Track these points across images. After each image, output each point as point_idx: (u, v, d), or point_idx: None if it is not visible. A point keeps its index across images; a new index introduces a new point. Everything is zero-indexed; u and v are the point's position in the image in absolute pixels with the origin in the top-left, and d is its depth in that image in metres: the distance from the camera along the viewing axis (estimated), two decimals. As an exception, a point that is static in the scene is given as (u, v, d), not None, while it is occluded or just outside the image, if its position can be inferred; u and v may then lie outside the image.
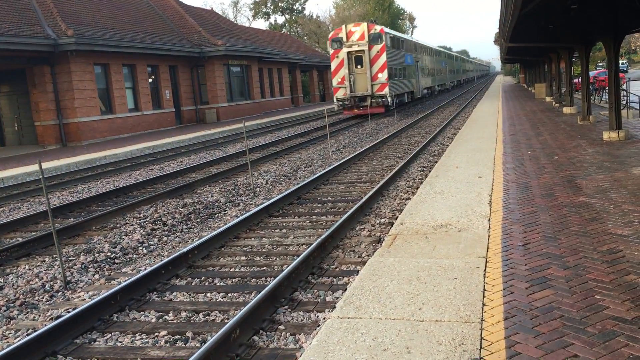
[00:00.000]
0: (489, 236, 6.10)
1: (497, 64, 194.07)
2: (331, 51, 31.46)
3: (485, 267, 5.15)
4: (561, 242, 5.67)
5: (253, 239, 8.40)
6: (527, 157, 11.17)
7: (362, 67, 31.25)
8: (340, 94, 31.19)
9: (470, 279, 4.89)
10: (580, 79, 21.69)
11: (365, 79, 31.14)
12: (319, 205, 10.38)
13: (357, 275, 6.27)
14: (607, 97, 14.83)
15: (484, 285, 4.70)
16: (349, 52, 30.99)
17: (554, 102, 25.25)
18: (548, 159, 10.79)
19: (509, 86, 60.30)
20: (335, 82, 31.51)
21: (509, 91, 46.65)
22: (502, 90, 49.59)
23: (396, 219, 8.25)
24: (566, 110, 20.97)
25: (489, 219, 6.76)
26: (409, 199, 9.85)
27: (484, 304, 4.33)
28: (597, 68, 47.98)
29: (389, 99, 30.75)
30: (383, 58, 30.82)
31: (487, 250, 5.61)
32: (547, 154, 11.34)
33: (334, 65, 31.34)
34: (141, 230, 9.32)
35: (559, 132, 15.07)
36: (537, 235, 5.94)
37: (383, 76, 30.73)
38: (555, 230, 6.09)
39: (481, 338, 3.78)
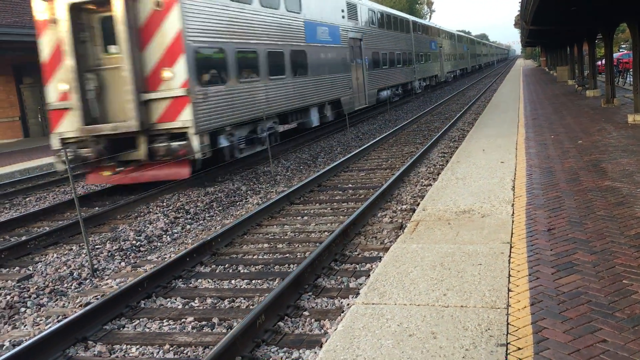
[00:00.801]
0: (512, 222, 6.06)
1: (517, 47, 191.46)
2: (37, 16, 11.63)
3: (510, 252, 5.13)
4: (587, 226, 5.62)
5: (275, 226, 8.46)
6: (550, 142, 11.04)
7: (118, 51, 11.10)
8: (64, 126, 11.60)
9: (494, 264, 4.87)
10: (603, 62, 21.32)
11: (128, 85, 10.88)
12: (340, 192, 10.39)
13: (380, 261, 6.28)
14: (632, 79, 14.55)
15: (509, 271, 4.68)
16: (74, 7, 11.09)
17: (576, 85, 24.85)
18: (572, 142, 10.65)
19: (530, 70, 59.46)
20: (52, 93, 11.70)
21: (530, 75, 46.00)
22: (522, 74, 48.91)
23: (418, 205, 8.24)
24: (589, 93, 20.63)
25: (513, 205, 6.72)
26: (430, 185, 9.81)
27: (509, 290, 4.32)
28: (620, 50, 47.03)
29: (197, 143, 10.98)
30: (175, 24, 10.83)
31: (512, 236, 5.58)
32: (571, 138, 11.19)
33: (46, 49, 11.66)
34: (165, 219, 9.43)
35: (582, 115, 14.85)
36: (562, 221, 5.89)
37: (179, 72, 10.94)
38: (580, 215, 6.03)
39: (507, 323, 3.77)
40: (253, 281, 6.26)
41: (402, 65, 30.84)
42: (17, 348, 4.63)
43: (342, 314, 5.11)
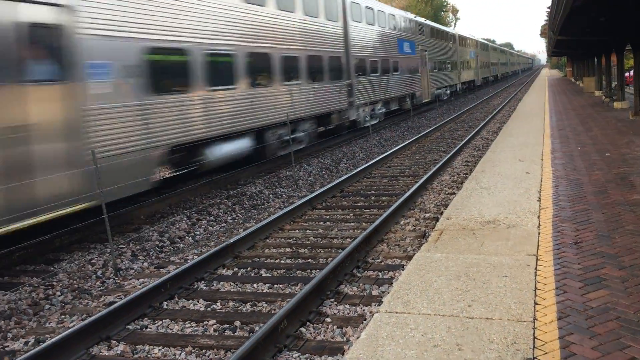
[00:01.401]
0: (539, 233, 5.98)
1: (542, 57, 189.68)
2: None
3: (536, 265, 5.05)
4: (615, 241, 5.52)
5: (297, 230, 8.46)
6: (576, 153, 10.88)
7: None
8: None
9: (520, 276, 4.80)
10: (631, 73, 20.97)
11: None
12: (362, 198, 10.36)
13: (403, 270, 6.26)
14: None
15: (536, 284, 4.61)
16: None
17: (603, 97, 24.50)
18: (599, 155, 10.49)
19: (556, 80, 58.78)
20: None
21: (555, 85, 45.48)
22: (548, 83, 48.38)
23: (441, 213, 8.18)
24: (617, 105, 20.31)
25: (539, 216, 6.63)
26: (454, 193, 9.74)
27: (536, 303, 4.25)
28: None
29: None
30: None
31: (538, 248, 5.50)
32: (598, 150, 11.02)
33: None
34: (187, 220, 9.49)
35: (609, 127, 14.62)
36: (589, 234, 5.80)
37: None
38: (609, 228, 5.93)
39: (534, 337, 3.72)
40: (275, 285, 6.26)
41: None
42: (42, 345, 4.69)
43: (364, 322, 5.09)
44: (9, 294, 6.53)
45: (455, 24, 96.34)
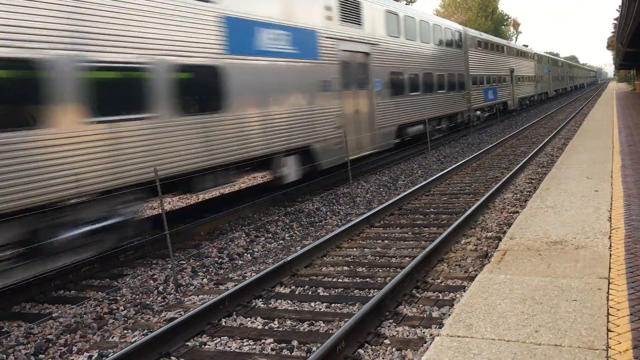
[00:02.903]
0: (610, 255, 5.67)
1: (609, 70, 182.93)
2: None
3: (608, 288, 4.78)
4: (696, 264, 5.16)
5: (355, 249, 8.38)
6: (649, 170, 10.33)
7: None
8: None
9: (591, 301, 4.55)
10: None
11: None
12: (421, 216, 10.17)
13: (464, 291, 6.07)
14: None
15: (608, 309, 4.36)
16: None
17: (677, 110, 23.27)
18: (674, 172, 9.92)
19: (624, 93, 56.43)
20: None
21: (623, 99, 43.64)
22: (616, 97, 46.49)
23: (504, 233, 7.91)
24: (692, 118, 19.25)
25: (610, 237, 6.29)
26: (517, 212, 9.42)
27: (608, 330, 4.01)
28: None
29: None
30: None
31: (609, 271, 5.20)
32: (673, 167, 10.43)
33: None
34: (246, 237, 9.57)
35: (685, 142, 13.85)
36: (666, 256, 5.45)
37: None
38: (687, 251, 5.56)
39: (608, 367, 3.49)
40: (332, 305, 6.19)
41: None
42: None
43: (424, 345, 4.94)
44: (75, 308, 6.75)
45: (516, 37, 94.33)
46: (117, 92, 8.25)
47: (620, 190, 8.74)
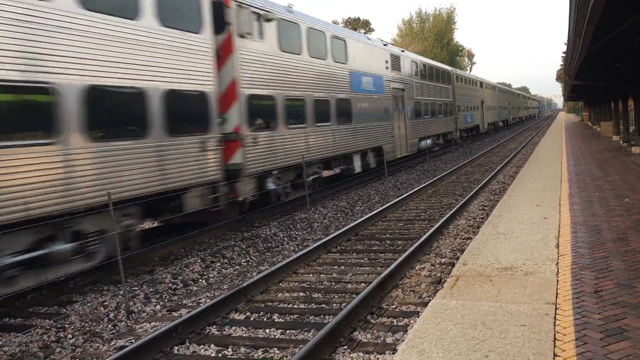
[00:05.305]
0: (557, 281, 5.85)
1: (558, 101, 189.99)
2: None
3: (555, 314, 4.92)
4: (637, 290, 5.37)
5: (311, 274, 8.37)
6: (595, 199, 10.74)
7: None
8: None
9: (539, 326, 4.67)
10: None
11: None
12: (377, 242, 10.27)
13: (418, 317, 6.13)
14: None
15: (555, 334, 4.48)
16: None
17: (621, 142, 24.33)
18: (618, 200, 10.34)
19: (572, 124, 58.67)
20: None
21: (572, 129, 45.36)
22: (565, 128, 48.28)
23: (457, 259, 8.06)
24: (635, 150, 20.14)
25: (557, 263, 6.50)
26: (470, 238, 9.62)
27: (555, 355, 4.12)
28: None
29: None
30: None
31: (557, 297, 5.37)
32: (617, 196, 10.87)
33: None
34: (201, 263, 9.46)
35: (628, 172, 14.46)
36: (610, 282, 5.65)
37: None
38: (630, 277, 5.78)
39: (554, 391, 3.58)
40: (287, 331, 6.16)
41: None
42: (51, 389, 4.64)
43: (378, 371, 4.96)
44: (20, 336, 6.50)
45: (471, 68, 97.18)
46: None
47: (567, 218, 9.05)
